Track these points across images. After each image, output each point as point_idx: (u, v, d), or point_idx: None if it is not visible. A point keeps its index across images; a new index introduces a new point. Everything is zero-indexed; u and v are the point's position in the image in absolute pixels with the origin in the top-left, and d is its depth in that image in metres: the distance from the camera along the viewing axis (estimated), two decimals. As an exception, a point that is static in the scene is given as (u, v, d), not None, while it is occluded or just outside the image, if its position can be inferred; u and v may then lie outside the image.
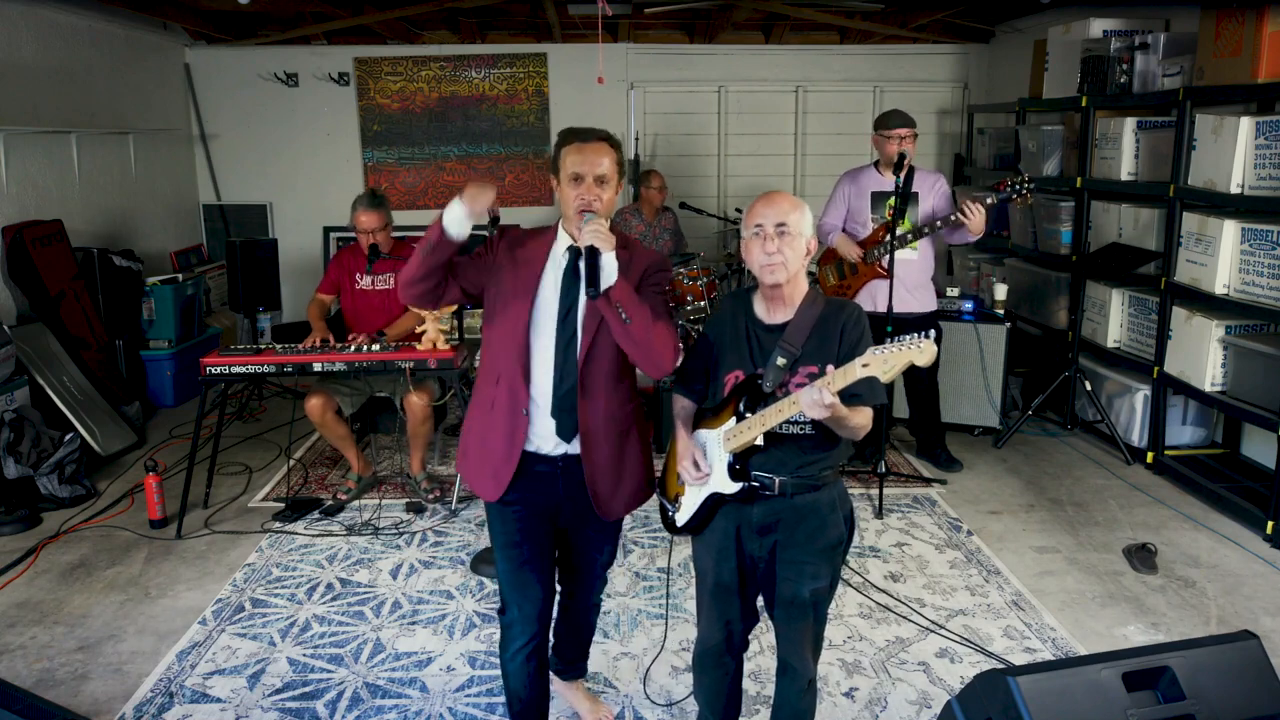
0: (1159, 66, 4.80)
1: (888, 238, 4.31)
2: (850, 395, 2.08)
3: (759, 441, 2.14)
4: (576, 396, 2.30)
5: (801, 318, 2.19)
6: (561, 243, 2.34)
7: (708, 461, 2.26)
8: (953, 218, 4.26)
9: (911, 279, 4.48)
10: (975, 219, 4.20)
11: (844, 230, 4.63)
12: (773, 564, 2.25)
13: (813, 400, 1.97)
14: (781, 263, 2.16)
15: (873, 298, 4.45)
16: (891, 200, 4.37)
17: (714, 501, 2.27)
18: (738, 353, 2.26)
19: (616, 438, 2.37)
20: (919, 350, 1.89)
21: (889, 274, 4.26)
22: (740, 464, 2.20)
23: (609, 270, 2.20)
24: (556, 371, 2.30)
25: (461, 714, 2.86)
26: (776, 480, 2.19)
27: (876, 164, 4.60)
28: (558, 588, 2.62)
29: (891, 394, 4.82)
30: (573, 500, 2.39)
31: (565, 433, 2.33)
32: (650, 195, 6.23)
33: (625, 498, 2.43)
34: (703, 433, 2.30)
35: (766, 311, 2.25)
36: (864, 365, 1.93)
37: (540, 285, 2.32)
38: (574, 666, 2.82)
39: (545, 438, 2.34)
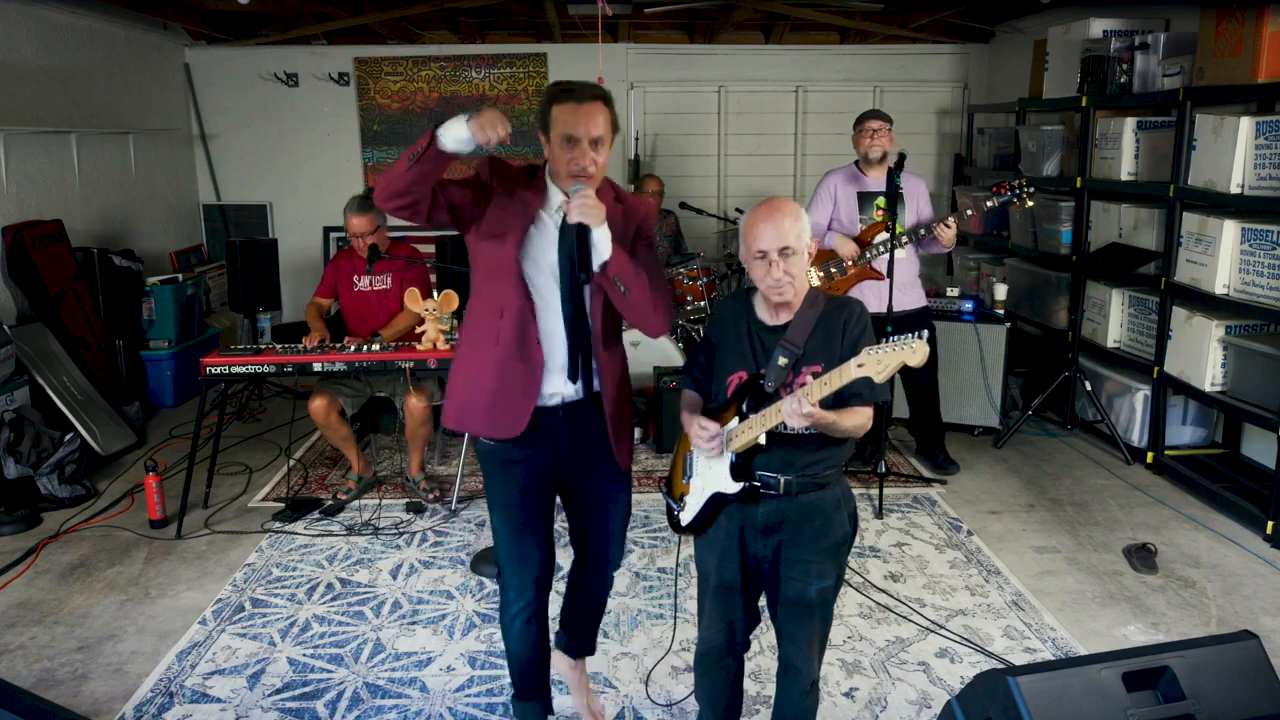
0: (1159, 66, 4.80)
1: (878, 239, 4.31)
2: (850, 395, 2.08)
3: (761, 441, 2.14)
4: (592, 355, 2.31)
5: (803, 317, 2.19)
6: (553, 199, 2.27)
7: (703, 471, 2.26)
8: (933, 228, 4.28)
9: (900, 277, 4.45)
10: (946, 234, 4.26)
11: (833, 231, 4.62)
12: (777, 564, 2.24)
13: (792, 410, 1.98)
14: (789, 283, 2.15)
15: (861, 299, 4.43)
16: (881, 200, 4.37)
17: (717, 501, 2.27)
18: (740, 354, 2.25)
19: (620, 385, 2.41)
20: (911, 351, 1.90)
21: (886, 275, 4.26)
22: (743, 463, 2.20)
23: (602, 247, 2.17)
24: (569, 332, 2.27)
25: (461, 714, 2.86)
26: (781, 479, 2.18)
27: (857, 163, 4.59)
28: (571, 557, 2.60)
29: (892, 394, 4.82)
30: (576, 447, 2.37)
31: (583, 388, 2.32)
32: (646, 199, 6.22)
33: (630, 444, 2.46)
34: None
35: (768, 313, 2.25)
36: (859, 365, 1.94)
37: (528, 234, 2.24)
38: (581, 643, 2.73)
39: (548, 384, 2.32)
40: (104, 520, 4.29)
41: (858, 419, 2.11)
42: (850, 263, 4.49)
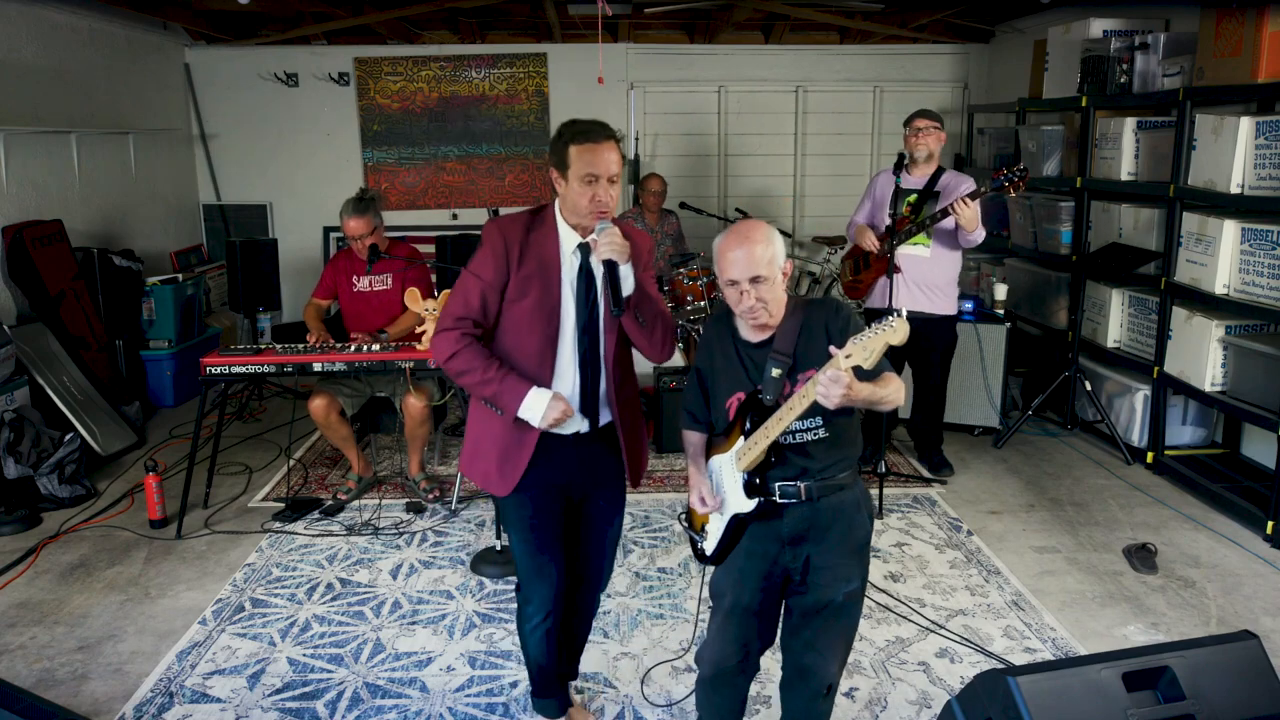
0: (1159, 66, 4.80)
1: (905, 228, 4.30)
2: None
3: (772, 456, 2.14)
4: (603, 391, 2.42)
5: (786, 327, 2.17)
6: (568, 240, 2.35)
7: (718, 493, 2.26)
8: (949, 208, 4.22)
9: (921, 278, 4.42)
10: (964, 213, 4.14)
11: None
12: (806, 574, 2.22)
13: (825, 389, 1.92)
14: (763, 308, 2.14)
15: (884, 294, 4.43)
16: (911, 197, 4.36)
17: (737, 523, 2.24)
18: (733, 376, 2.24)
19: (634, 410, 2.54)
20: (892, 330, 1.89)
21: (893, 269, 4.25)
22: (756, 480, 2.18)
23: (628, 281, 2.27)
24: (584, 371, 2.38)
25: (461, 714, 2.86)
26: (801, 486, 2.16)
27: (907, 165, 4.56)
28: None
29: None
30: (585, 473, 2.48)
31: (594, 424, 2.44)
32: (646, 199, 6.22)
33: (644, 464, 2.60)
34: (715, 459, 2.29)
35: (751, 331, 2.23)
36: (847, 357, 1.92)
37: (563, 295, 2.35)
38: (568, 667, 2.79)
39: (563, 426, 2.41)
40: (104, 520, 4.29)
41: (894, 384, 2.07)
42: (874, 254, 4.46)
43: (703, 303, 5.61)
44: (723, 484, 2.26)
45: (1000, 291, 5.45)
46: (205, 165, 7.42)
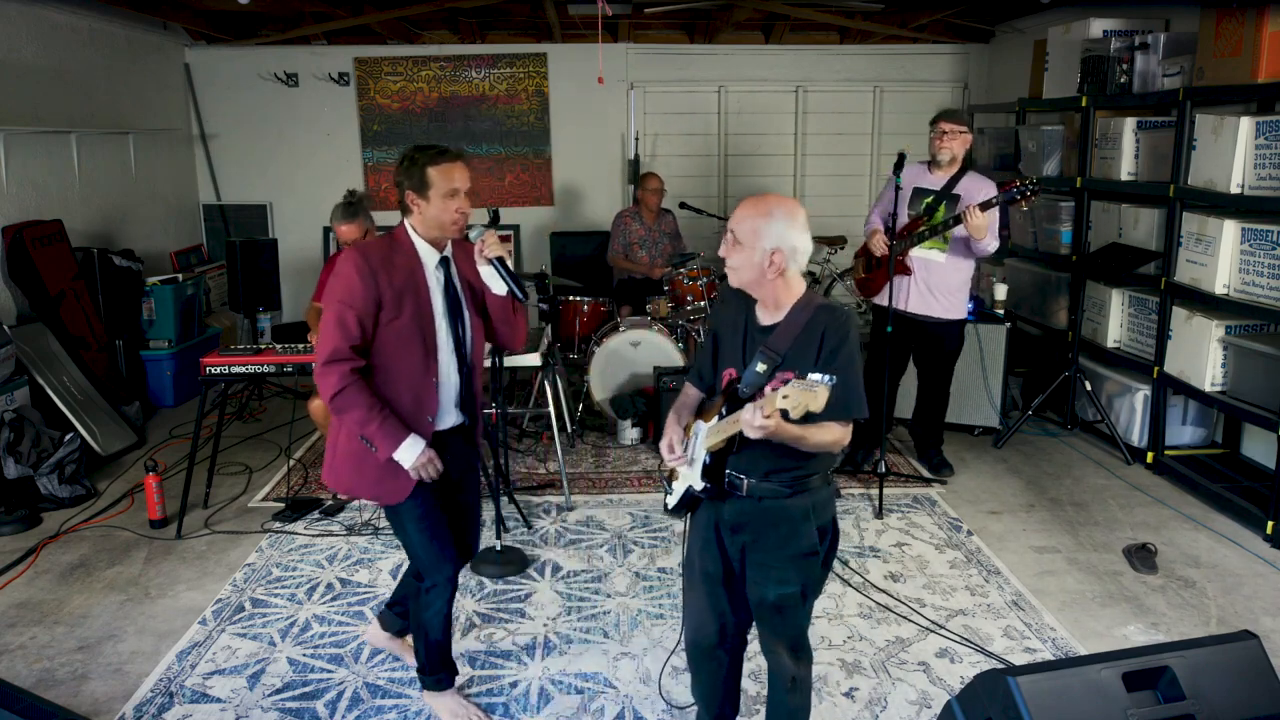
0: (1159, 66, 4.80)
1: (918, 231, 4.30)
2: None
3: (734, 445, 2.16)
4: (476, 388, 2.69)
5: (789, 322, 2.16)
6: (429, 257, 2.56)
7: (689, 451, 2.30)
8: (961, 215, 4.20)
9: (934, 281, 4.39)
10: (973, 221, 4.11)
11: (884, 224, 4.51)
12: (744, 564, 2.27)
13: (748, 420, 1.94)
14: (732, 268, 2.18)
15: (897, 296, 4.41)
16: (928, 199, 4.35)
17: (691, 494, 2.30)
18: (733, 350, 2.26)
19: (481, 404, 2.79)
20: (814, 395, 1.85)
21: (893, 270, 4.25)
22: (714, 464, 2.20)
23: (496, 280, 2.58)
24: (461, 371, 2.62)
25: (461, 714, 2.85)
26: (745, 481, 2.19)
27: (929, 163, 4.53)
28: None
29: (896, 393, 4.81)
30: (461, 454, 2.72)
31: (468, 415, 2.69)
32: (646, 198, 6.21)
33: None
34: (699, 423, 2.33)
35: (764, 312, 2.23)
36: (784, 397, 1.89)
37: (434, 306, 2.56)
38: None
39: (443, 421, 2.63)
40: (104, 520, 4.29)
41: (826, 435, 2.06)
42: (881, 255, 4.41)
43: (702, 303, 5.61)
44: (695, 450, 2.29)
45: (1000, 291, 5.45)
46: (205, 165, 7.42)
